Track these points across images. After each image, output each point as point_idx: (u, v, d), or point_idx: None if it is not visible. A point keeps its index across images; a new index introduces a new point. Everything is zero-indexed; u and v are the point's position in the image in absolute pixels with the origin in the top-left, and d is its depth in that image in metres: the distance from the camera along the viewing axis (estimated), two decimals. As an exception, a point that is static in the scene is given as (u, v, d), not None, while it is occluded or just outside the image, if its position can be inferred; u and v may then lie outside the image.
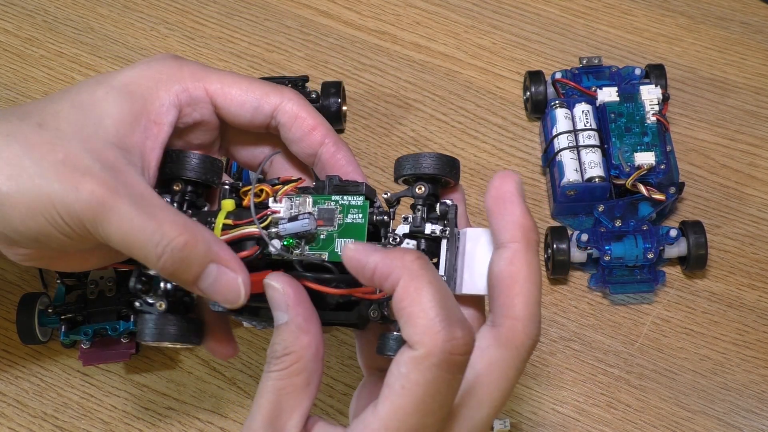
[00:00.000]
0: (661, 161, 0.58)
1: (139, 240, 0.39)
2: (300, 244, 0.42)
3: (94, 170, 0.39)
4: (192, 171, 0.44)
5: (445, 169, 0.42)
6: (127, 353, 0.55)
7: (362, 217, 0.42)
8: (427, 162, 0.42)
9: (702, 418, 0.55)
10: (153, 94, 0.43)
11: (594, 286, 0.58)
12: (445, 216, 0.42)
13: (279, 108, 0.45)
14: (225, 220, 0.43)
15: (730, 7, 0.69)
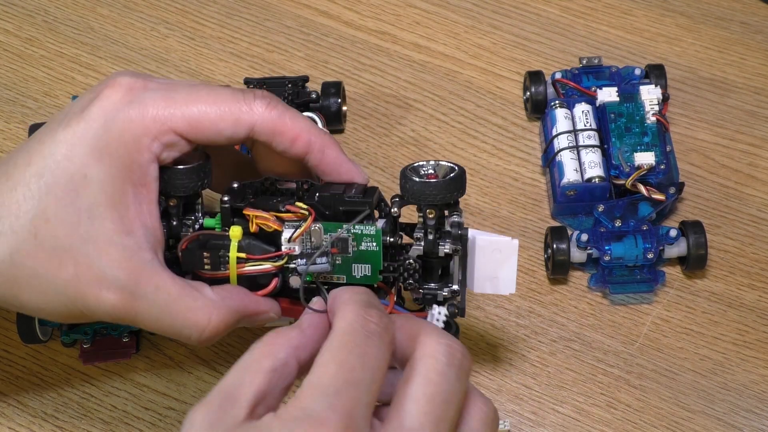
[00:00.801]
0: (661, 161, 0.58)
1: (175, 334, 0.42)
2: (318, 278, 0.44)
3: (108, 279, 0.40)
4: (182, 189, 0.44)
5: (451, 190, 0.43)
6: (127, 353, 0.55)
7: (376, 245, 0.43)
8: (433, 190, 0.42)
9: (702, 418, 0.55)
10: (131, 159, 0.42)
11: (594, 286, 0.58)
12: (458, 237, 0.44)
13: (254, 129, 0.43)
14: (238, 254, 0.43)
15: (730, 7, 0.69)
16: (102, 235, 0.41)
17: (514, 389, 0.56)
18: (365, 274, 0.43)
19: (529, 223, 0.61)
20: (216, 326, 0.42)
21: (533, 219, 0.61)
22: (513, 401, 0.55)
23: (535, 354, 0.57)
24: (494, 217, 0.61)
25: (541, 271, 0.60)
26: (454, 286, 0.44)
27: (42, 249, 0.41)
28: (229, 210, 0.44)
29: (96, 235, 0.41)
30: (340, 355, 0.36)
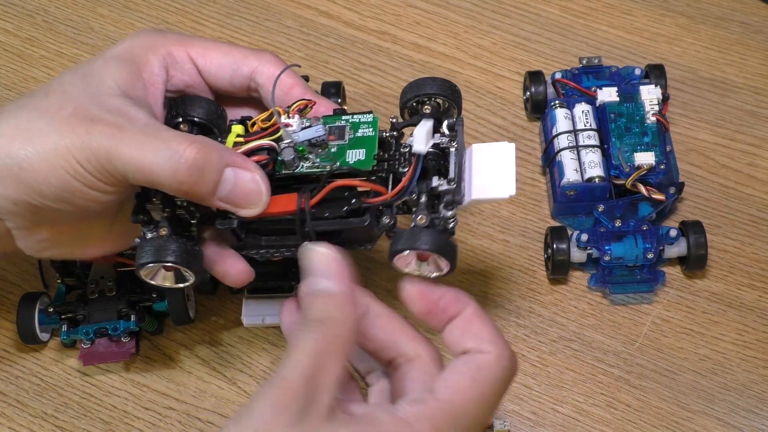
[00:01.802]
0: (661, 161, 0.58)
1: (152, 162, 0.40)
2: (312, 153, 0.43)
3: (102, 116, 0.42)
4: (198, 111, 0.46)
5: (447, 91, 0.44)
6: (127, 353, 0.55)
7: (372, 130, 0.44)
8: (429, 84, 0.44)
9: (702, 418, 0.55)
10: (144, 59, 0.46)
11: (594, 286, 0.58)
12: (452, 128, 0.44)
13: (257, 70, 0.47)
14: (235, 138, 0.44)
15: (730, 7, 0.69)
16: (105, 92, 0.43)
17: (514, 389, 0.56)
18: (359, 158, 0.43)
19: (529, 223, 0.61)
20: (197, 152, 0.40)
21: (533, 219, 0.61)
22: (513, 401, 0.55)
23: (535, 354, 0.57)
24: (494, 217, 0.61)
25: (541, 271, 0.60)
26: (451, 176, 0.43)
27: (47, 100, 0.43)
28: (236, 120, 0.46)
29: (100, 92, 0.43)
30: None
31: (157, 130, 0.42)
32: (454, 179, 0.43)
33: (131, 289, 0.56)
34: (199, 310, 0.58)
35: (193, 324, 0.58)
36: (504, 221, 0.61)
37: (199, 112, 0.46)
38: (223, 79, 0.47)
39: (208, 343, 0.58)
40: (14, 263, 0.61)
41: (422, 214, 0.42)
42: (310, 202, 0.42)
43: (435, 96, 0.44)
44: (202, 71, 0.47)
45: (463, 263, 0.60)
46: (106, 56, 0.45)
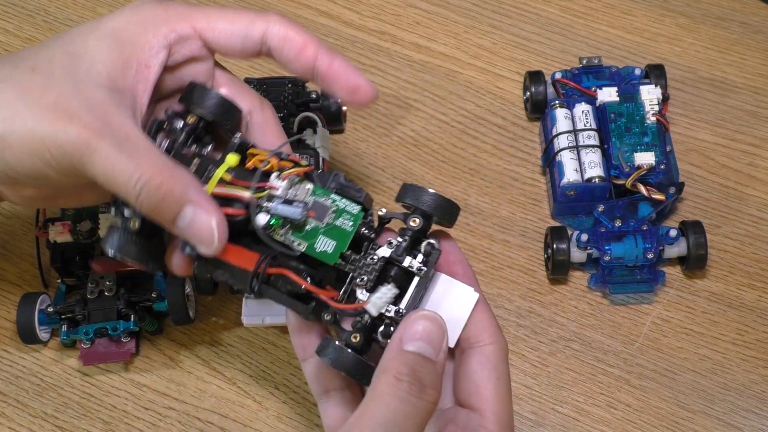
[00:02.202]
0: (661, 161, 0.58)
1: (119, 179, 0.40)
2: (283, 227, 0.42)
3: (81, 113, 0.41)
4: (207, 110, 0.45)
5: (442, 212, 0.43)
6: (127, 353, 0.55)
7: (352, 225, 0.43)
8: (427, 198, 0.42)
9: (702, 418, 0.55)
10: (142, 39, 0.44)
11: (594, 286, 0.58)
12: (428, 255, 0.43)
13: (267, 33, 0.46)
14: (224, 174, 0.43)
15: (730, 7, 0.69)
16: (92, 83, 0.42)
17: (514, 389, 0.56)
18: (325, 250, 0.42)
19: (529, 223, 0.61)
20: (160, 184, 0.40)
21: (533, 219, 0.61)
22: (513, 401, 0.55)
23: (535, 354, 0.57)
24: (494, 217, 0.61)
25: (541, 271, 0.60)
26: (402, 307, 0.42)
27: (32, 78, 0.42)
28: (236, 145, 0.44)
29: (87, 81, 0.42)
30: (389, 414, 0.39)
31: (133, 148, 0.41)
32: (402, 314, 0.42)
33: (131, 289, 0.56)
34: (199, 310, 0.59)
35: (193, 324, 0.58)
36: (504, 221, 0.61)
37: (208, 111, 0.45)
38: (233, 48, 0.46)
39: (208, 343, 0.58)
40: (14, 263, 0.61)
41: (359, 334, 0.42)
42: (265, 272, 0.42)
43: (428, 214, 0.43)
44: (210, 44, 0.46)
45: (463, 263, 0.60)
46: (102, 31, 0.44)
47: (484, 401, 0.41)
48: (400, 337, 0.40)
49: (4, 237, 0.62)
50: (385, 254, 0.43)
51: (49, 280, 0.59)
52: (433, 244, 0.43)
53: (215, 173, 0.43)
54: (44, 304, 0.56)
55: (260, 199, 0.42)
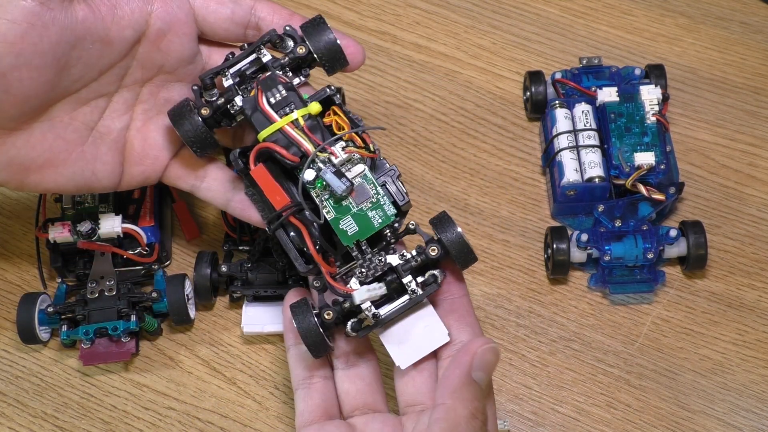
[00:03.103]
0: (661, 161, 0.58)
1: None
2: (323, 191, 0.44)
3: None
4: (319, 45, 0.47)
5: (459, 255, 0.44)
6: (127, 353, 0.55)
7: (380, 223, 0.45)
8: (453, 237, 0.44)
9: (702, 418, 0.55)
10: None
11: (594, 286, 0.58)
12: (427, 285, 0.45)
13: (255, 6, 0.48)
14: (300, 117, 0.45)
15: (730, 7, 0.69)
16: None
17: (514, 389, 0.56)
18: (346, 230, 0.45)
19: (529, 223, 0.61)
20: None
21: (533, 219, 0.61)
22: (513, 401, 0.55)
23: (535, 354, 0.57)
24: (494, 217, 0.61)
25: (541, 271, 0.60)
26: (382, 313, 0.44)
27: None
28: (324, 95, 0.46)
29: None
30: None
31: None
32: (381, 322, 0.44)
33: (131, 289, 0.56)
34: (199, 310, 0.59)
35: (193, 324, 0.58)
36: (504, 221, 0.61)
37: (320, 46, 0.47)
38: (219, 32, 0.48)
39: (208, 343, 0.58)
40: (14, 263, 0.61)
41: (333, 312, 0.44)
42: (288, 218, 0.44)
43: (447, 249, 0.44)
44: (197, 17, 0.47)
45: (463, 263, 0.60)
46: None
47: None
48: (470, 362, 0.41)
49: (4, 237, 0.62)
50: (392, 262, 0.45)
51: (49, 280, 0.59)
52: (437, 277, 0.45)
53: (295, 113, 0.45)
54: (44, 304, 0.56)
55: (318, 157, 0.44)
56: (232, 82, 0.47)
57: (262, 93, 0.46)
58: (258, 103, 0.45)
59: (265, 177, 0.44)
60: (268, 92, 0.46)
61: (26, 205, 0.63)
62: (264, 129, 0.45)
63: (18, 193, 0.63)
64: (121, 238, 0.57)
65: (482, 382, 0.41)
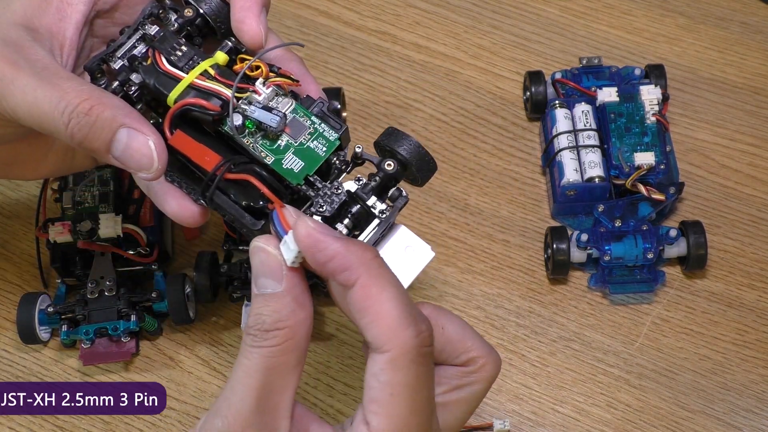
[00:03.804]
0: (661, 161, 0.58)
1: (44, 110, 0.38)
2: (255, 135, 0.41)
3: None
4: (207, 6, 0.44)
5: (420, 163, 0.41)
6: (127, 353, 0.55)
7: (325, 151, 0.41)
8: (409, 146, 0.41)
9: (702, 418, 0.55)
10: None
11: (594, 286, 0.58)
12: (394, 200, 0.41)
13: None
14: (209, 68, 0.42)
15: (730, 7, 0.69)
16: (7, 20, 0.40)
17: (514, 389, 0.56)
18: (292, 168, 0.41)
19: (529, 223, 0.61)
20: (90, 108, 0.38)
21: (533, 219, 0.61)
22: (513, 401, 0.55)
23: (535, 354, 0.57)
24: (494, 217, 0.61)
25: (541, 271, 0.60)
26: None
27: None
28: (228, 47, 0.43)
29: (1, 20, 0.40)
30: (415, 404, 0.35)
31: (54, 76, 0.39)
32: None
33: (131, 289, 0.56)
34: (199, 310, 0.59)
35: (193, 324, 0.58)
36: (504, 221, 0.61)
37: (209, 6, 0.44)
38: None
39: (208, 343, 0.58)
40: (14, 263, 0.61)
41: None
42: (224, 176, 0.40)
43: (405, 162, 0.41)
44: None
45: (463, 263, 0.60)
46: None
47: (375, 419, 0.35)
48: (253, 281, 0.37)
49: (4, 237, 0.62)
50: (350, 188, 0.41)
51: (49, 280, 0.59)
52: (402, 191, 0.41)
53: (200, 64, 0.42)
54: (44, 304, 0.56)
55: (239, 101, 0.41)
56: (123, 63, 0.43)
57: (159, 54, 0.42)
58: (159, 66, 0.42)
59: (187, 142, 0.40)
60: (165, 53, 0.42)
61: (26, 205, 0.63)
62: (173, 89, 0.41)
63: (18, 192, 0.63)
64: (121, 238, 0.57)
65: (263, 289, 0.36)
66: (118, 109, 0.39)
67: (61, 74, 0.39)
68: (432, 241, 0.60)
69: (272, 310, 0.36)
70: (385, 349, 0.35)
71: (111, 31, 0.45)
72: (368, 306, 0.35)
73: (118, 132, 0.39)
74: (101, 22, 0.44)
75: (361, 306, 0.35)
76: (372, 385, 0.35)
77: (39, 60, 0.39)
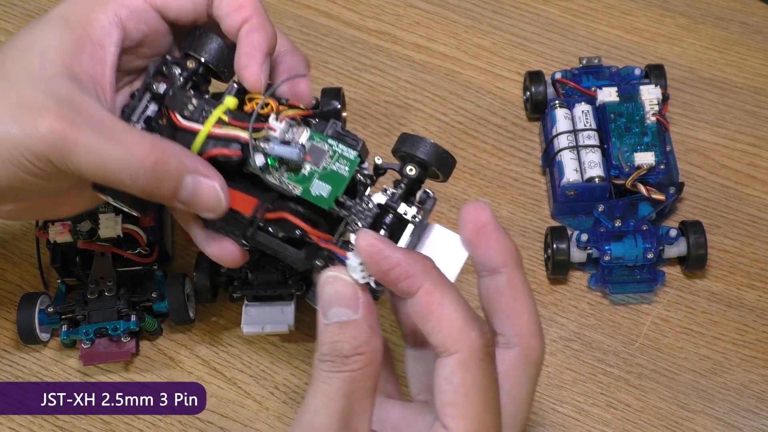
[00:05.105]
0: (661, 161, 0.58)
1: (110, 168, 0.39)
2: (279, 169, 0.42)
3: (49, 106, 0.39)
4: (209, 54, 0.45)
5: (439, 162, 0.43)
6: (127, 353, 0.55)
7: (348, 171, 0.42)
8: (424, 148, 0.43)
9: (702, 418, 0.55)
10: (90, 17, 0.42)
11: (594, 286, 0.58)
12: (423, 203, 0.43)
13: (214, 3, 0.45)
14: (222, 115, 0.43)
15: (730, 7, 0.69)
16: (49, 74, 0.40)
17: (514, 389, 0.56)
18: (321, 194, 0.42)
19: (529, 223, 0.61)
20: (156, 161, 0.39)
21: (533, 219, 0.61)
22: (513, 401, 0.55)
23: (535, 354, 0.57)
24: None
25: (541, 271, 0.60)
26: None
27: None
28: (235, 89, 0.44)
29: (44, 74, 0.40)
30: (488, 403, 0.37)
31: (114, 131, 0.39)
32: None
33: (131, 289, 0.56)
34: (199, 310, 0.59)
35: (193, 324, 0.58)
36: (504, 221, 0.61)
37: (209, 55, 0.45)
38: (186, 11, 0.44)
39: (208, 343, 0.58)
40: (14, 263, 0.61)
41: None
42: (264, 216, 0.42)
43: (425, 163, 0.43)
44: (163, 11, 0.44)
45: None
46: (47, 18, 0.42)
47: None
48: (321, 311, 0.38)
49: (4, 237, 0.62)
50: (380, 201, 0.42)
51: (49, 280, 0.59)
52: (429, 192, 0.43)
53: (213, 113, 0.43)
54: (44, 304, 0.56)
55: (257, 141, 0.42)
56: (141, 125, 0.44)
57: (173, 112, 0.44)
58: (174, 123, 0.43)
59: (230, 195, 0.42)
60: (178, 109, 0.43)
61: (26, 205, 0.63)
62: (193, 143, 0.43)
63: (18, 193, 0.63)
64: (121, 238, 0.57)
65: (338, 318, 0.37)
66: (181, 157, 0.40)
67: (119, 127, 0.40)
68: (432, 241, 0.60)
69: (350, 336, 0.37)
70: (452, 351, 0.36)
71: (136, 65, 0.45)
72: (433, 311, 0.37)
73: (184, 179, 0.40)
74: (126, 58, 0.44)
75: (426, 311, 0.37)
76: (445, 389, 0.36)
77: (95, 115, 0.40)
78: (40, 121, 0.38)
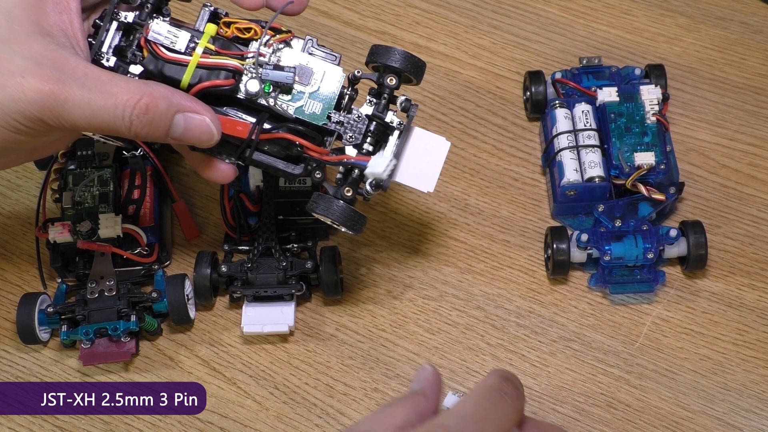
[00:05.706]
0: (661, 161, 0.58)
1: (104, 119, 0.40)
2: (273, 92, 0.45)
3: (30, 68, 0.40)
4: None
5: (412, 67, 0.47)
6: (127, 353, 0.55)
7: (337, 84, 0.46)
8: (396, 56, 0.47)
9: (702, 418, 0.55)
10: None
11: (594, 286, 0.58)
12: (407, 111, 0.47)
13: None
14: (208, 45, 0.44)
15: (730, 7, 0.69)
16: (21, 34, 0.41)
17: (514, 389, 0.56)
18: (314, 111, 0.45)
19: (529, 223, 0.61)
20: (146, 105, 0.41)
21: (533, 219, 0.61)
22: (513, 401, 0.55)
23: (535, 354, 0.57)
24: (494, 217, 0.61)
25: (541, 271, 0.60)
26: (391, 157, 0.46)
27: None
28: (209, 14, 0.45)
29: (15, 35, 0.41)
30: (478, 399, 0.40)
31: (100, 82, 0.40)
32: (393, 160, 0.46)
33: (131, 289, 0.56)
34: (199, 310, 0.59)
35: (193, 324, 0.58)
36: (504, 221, 0.61)
37: None
38: None
39: (208, 343, 0.58)
40: (14, 263, 0.61)
41: (350, 187, 0.46)
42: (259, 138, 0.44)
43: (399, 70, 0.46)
44: None
45: (463, 263, 0.60)
46: None
47: None
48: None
49: (4, 237, 0.62)
50: (367, 112, 0.46)
51: (49, 280, 0.59)
52: (410, 101, 0.47)
53: (199, 44, 0.44)
54: (44, 304, 0.56)
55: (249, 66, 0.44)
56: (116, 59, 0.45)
57: (157, 46, 0.44)
58: (160, 56, 0.44)
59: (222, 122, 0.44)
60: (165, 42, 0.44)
61: (26, 205, 0.63)
62: (183, 75, 0.44)
63: (18, 192, 0.63)
64: (121, 238, 0.57)
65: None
66: (169, 98, 0.42)
67: (104, 78, 0.41)
68: (432, 241, 0.60)
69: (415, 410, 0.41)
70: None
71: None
72: None
73: (174, 118, 0.42)
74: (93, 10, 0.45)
75: None
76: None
77: (77, 68, 0.41)
78: (26, 84, 0.39)
